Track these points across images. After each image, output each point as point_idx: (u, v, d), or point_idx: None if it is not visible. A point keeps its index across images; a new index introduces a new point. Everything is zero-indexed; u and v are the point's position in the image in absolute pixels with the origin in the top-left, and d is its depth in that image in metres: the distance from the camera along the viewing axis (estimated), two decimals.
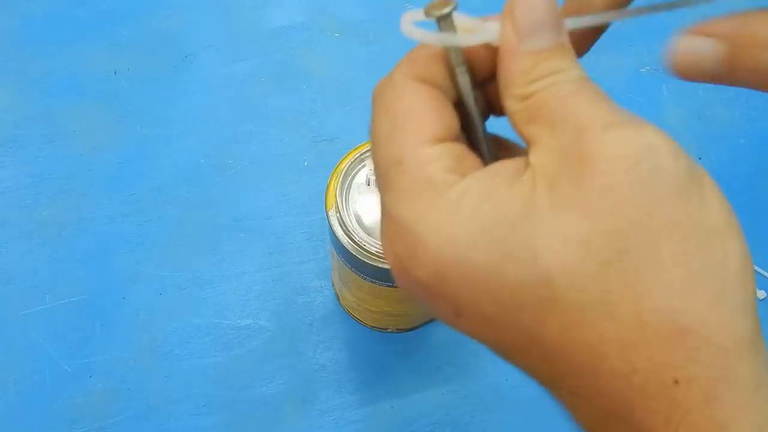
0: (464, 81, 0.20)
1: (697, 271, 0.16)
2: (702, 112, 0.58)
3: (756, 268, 0.51)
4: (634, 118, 0.17)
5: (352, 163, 0.38)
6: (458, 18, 0.20)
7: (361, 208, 0.37)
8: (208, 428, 0.44)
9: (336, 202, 0.37)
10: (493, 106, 0.22)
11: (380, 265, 0.36)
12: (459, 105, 0.21)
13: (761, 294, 0.50)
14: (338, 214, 0.36)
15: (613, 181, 0.16)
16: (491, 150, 0.22)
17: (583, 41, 0.22)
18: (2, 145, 0.53)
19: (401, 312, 0.44)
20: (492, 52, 0.20)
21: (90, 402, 0.44)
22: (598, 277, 0.16)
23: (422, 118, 0.19)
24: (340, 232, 0.36)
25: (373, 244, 0.36)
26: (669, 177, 0.17)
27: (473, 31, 0.20)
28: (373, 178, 0.38)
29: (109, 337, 0.46)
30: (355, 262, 0.37)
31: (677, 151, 0.17)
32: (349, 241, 0.36)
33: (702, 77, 0.20)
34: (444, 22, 0.19)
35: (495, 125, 0.24)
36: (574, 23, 0.19)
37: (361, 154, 0.38)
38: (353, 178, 0.38)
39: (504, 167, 0.18)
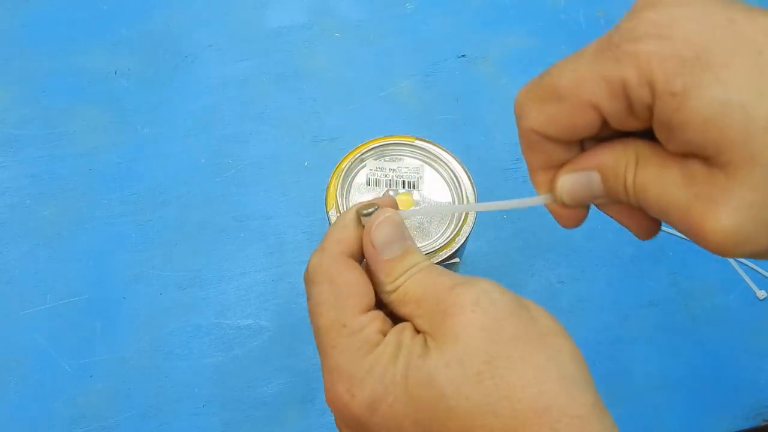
0: None
1: (542, 364, 0.22)
2: None
3: (756, 267, 0.51)
4: (470, 278, 0.25)
5: (352, 163, 0.38)
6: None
7: None
8: (208, 428, 0.44)
9: (336, 202, 0.37)
10: None
11: None
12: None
13: (762, 294, 0.50)
14: (339, 214, 0.36)
15: (466, 318, 0.23)
16: None
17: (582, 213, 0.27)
18: (2, 145, 0.53)
19: None
20: None
21: (90, 402, 0.44)
22: (476, 385, 0.22)
23: (359, 290, 0.26)
24: None
25: None
26: (502, 306, 0.24)
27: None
28: (373, 177, 0.38)
29: (109, 337, 0.46)
30: None
31: (504, 289, 0.24)
32: None
33: (590, 201, 0.26)
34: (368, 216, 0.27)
35: None
36: (412, 212, 0.30)
37: (361, 154, 0.38)
38: (353, 178, 0.38)
39: (406, 329, 0.25)
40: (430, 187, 0.38)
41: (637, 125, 0.23)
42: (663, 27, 0.21)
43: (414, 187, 0.38)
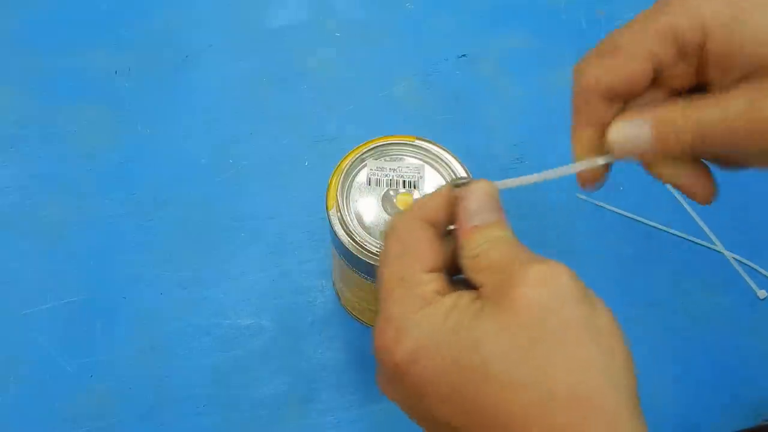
0: None
1: (590, 356, 0.23)
2: None
3: (756, 267, 0.51)
4: (546, 258, 0.25)
5: (352, 162, 0.38)
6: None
7: (362, 207, 0.37)
8: (208, 428, 0.44)
9: (337, 202, 0.37)
10: None
11: None
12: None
13: (762, 293, 0.50)
14: (339, 214, 0.36)
15: (529, 292, 0.23)
16: None
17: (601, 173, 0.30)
18: (2, 145, 0.53)
19: None
20: None
21: (90, 402, 0.44)
22: (521, 358, 0.23)
23: (425, 250, 0.26)
24: (341, 232, 0.36)
25: (374, 244, 0.36)
26: (567, 291, 0.24)
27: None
28: (373, 177, 0.38)
29: (109, 337, 0.46)
30: (356, 262, 0.37)
31: (574, 277, 0.24)
32: (350, 240, 0.36)
33: (635, 151, 0.27)
34: (459, 187, 0.28)
35: None
36: (504, 184, 0.29)
37: (361, 154, 0.38)
38: (354, 177, 0.38)
39: (467, 293, 0.26)
40: (430, 187, 0.38)
41: (688, 72, 0.27)
42: None
43: (415, 187, 0.38)
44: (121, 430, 0.44)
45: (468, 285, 0.26)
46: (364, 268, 0.37)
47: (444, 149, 0.38)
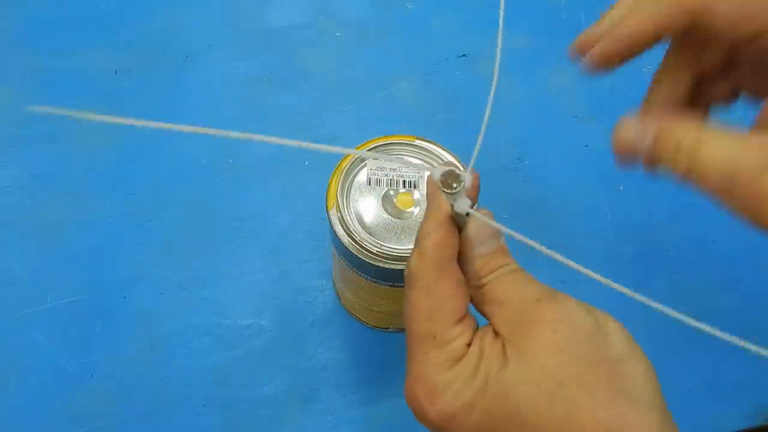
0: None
1: (612, 388, 0.24)
2: None
3: (756, 267, 0.51)
4: (556, 293, 0.26)
5: (353, 162, 0.38)
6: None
7: (362, 207, 0.37)
8: (208, 428, 0.44)
9: (337, 202, 0.37)
10: None
11: (381, 265, 0.36)
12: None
13: (762, 293, 0.50)
14: (339, 214, 0.36)
15: (547, 337, 0.25)
16: None
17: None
18: (3, 145, 0.53)
19: (402, 311, 0.44)
20: None
21: (90, 402, 0.44)
22: (549, 404, 0.24)
23: (454, 300, 0.26)
24: (341, 232, 0.36)
25: (374, 244, 0.36)
26: (582, 329, 0.25)
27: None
28: (373, 177, 0.38)
29: (109, 337, 0.46)
30: (356, 262, 0.37)
31: (588, 309, 0.26)
32: (350, 240, 0.36)
33: (629, 151, 0.26)
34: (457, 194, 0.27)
35: None
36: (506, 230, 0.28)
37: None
38: (354, 177, 0.38)
39: (487, 334, 0.26)
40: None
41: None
42: None
43: (415, 187, 0.38)
44: (121, 430, 0.44)
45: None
46: (364, 268, 0.37)
47: (444, 149, 0.38)
